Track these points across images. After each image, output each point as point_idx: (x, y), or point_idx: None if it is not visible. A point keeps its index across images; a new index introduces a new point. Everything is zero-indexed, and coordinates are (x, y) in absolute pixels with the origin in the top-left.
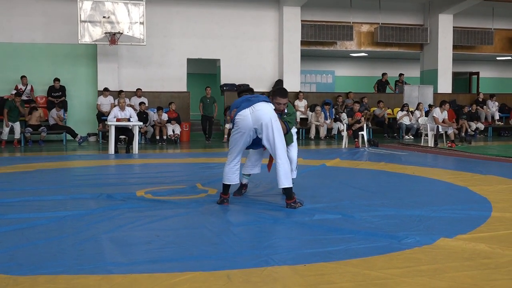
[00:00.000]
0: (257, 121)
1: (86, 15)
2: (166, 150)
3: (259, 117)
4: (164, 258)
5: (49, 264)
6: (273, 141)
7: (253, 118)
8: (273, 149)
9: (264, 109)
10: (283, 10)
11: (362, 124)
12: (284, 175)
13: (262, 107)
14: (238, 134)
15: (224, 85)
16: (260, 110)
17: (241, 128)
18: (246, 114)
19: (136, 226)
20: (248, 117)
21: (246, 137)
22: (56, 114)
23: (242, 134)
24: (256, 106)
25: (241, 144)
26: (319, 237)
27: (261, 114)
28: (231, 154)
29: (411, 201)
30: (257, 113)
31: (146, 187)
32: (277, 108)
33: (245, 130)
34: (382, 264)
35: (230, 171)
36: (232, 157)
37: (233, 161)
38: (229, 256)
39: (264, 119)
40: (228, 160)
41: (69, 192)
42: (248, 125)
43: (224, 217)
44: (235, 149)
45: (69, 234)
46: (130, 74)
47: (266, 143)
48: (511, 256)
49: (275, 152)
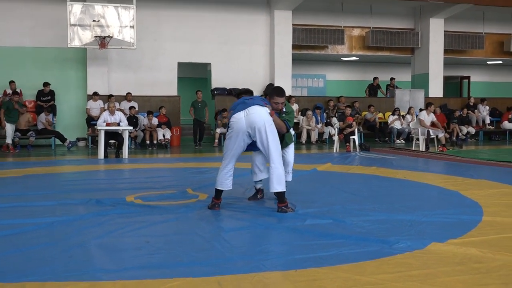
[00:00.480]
0: (251, 124)
1: (76, 18)
2: (156, 154)
3: (253, 121)
4: (154, 264)
5: (37, 271)
6: (267, 145)
7: (247, 121)
8: (267, 152)
9: (258, 112)
10: (274, 14)
11: (354, 129)
12: (277, 179)
13: (256, 110)
14: (231, 137)
15: (215, 89)
16: (255, 113)
17: (235, 131)
18: (240, 117)
19: (125, 232)
20: (242, 120)
21: (239, 141)
22: (45, 118)
23: (236, 137)
24: (251, 110)
25: (235, 148)
26: (310, 242)
27: (255, 118)
28: (225, 159)
29: (402, 206)
30: (251, 116)
31: (136, 192)
32: (275, 107)
33: (238, 133)
34: (373, 269)
35: (224, 177)
36: (225, 162)
37: (226, 167)
38: (219, 262)
39: (258, 123)
40: (222, 165)
41: (58, 198)
42: (241, 128)
43: (215, 223)
44: (229, 153)
45: (57, 241)
46: (120, 78)
47: (261, 147)
48: (502, 261)
49: (269, 155)
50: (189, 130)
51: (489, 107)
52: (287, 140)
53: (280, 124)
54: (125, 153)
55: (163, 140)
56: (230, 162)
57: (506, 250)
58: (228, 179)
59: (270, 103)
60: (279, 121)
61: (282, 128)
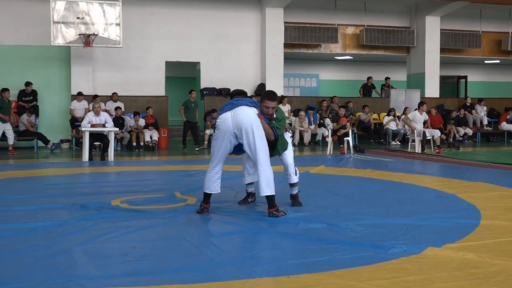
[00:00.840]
0: (237, 125)
1: (59, 15)
2: (143, 157)
3: (239, 121)
4: (140, 271)
5: (18, 279)
6: (254, 147)
7: (233, 121)
8: (254, 154)
9: (246, 113)
10: (265, 12)
11: (348, 130)
12: (266, 182)
13: (243, 111)
14: (218, 138)
15: (205, 89)
16: (241, 114)
17: (221, 132)
18: (227, 117)
19: (111, 237)
20: (229, 120)
21: (226, 142)
22: (27, 119)
23: (222, 138)
24: (238, 110)
25: (221, 149)
26: (302, 247)
27: (242, 118)
28: (212, 161)
29: (398, 210)
30: (238, 117)
31: (122, 196)
32: (265, 112)
33: (225, 134)
34: (368, 275)
35: (211, 180)
36: (213, 164)
37: (214, 169)
38: (209, 268)
39: (245, 124)
40: (209, 168)
41: (40, 202)
42: (228, 129)
43: (204, 227)
44: (216, 155)
45: (40, 246)
46: (105, 78)
47: (247, 149)
48: (501, 266)
49: (256, 158)
50: (177, 132)
51: (486, 107)
52: (280, 148)
53: (268, 130)
54: (111, 155)
55: (150, 142)
56: (217, 164)
57: (505, 255)
58: (215, 182)
59: (260, 106)
60: (267, 127)
61: (269, 135)
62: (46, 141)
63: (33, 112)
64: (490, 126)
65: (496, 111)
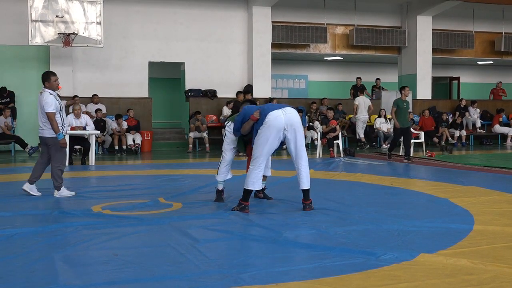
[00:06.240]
0: (290, 122)
1: (38, 14)
2: (125, 161)
3: (291, 119)
4: (123, 279)
5: None
6: (300, 144)
7: (286, 119)
8: (297, 151)
9: (294, 113)
10: (252, 11)
11: (337, 133)
12: (307, 177)
13: (292, 110)
14: (265, 135)
15: (189, 91)
16: (292, 113)
17: (271, 128)
18: (279, 114)
19: (92, 244)
20: (281, 117)
21: (274, 139)
22: (4, 122)
23: (270, 135)
24: (287, 109)
25: (270, 147)
26: (291, 254)
27: (293, 117)
28: (258, 157)
29: (389, 215)
30: (289, 116)
31: (104, 201)
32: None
33: (277, 130)
34: (359, 282)
35: (256, 177)
36: (260, 160)
37: (260, 165)
38: (194, 276)
39: (296, 123)
40: (254, 164)
41: (18, 208)
42: (280, 125)
43: (189, 234)
44: (265, 151)
45: (17, 254)
46: (86, 79)
47: (292, 145)
48: (494, 272)
49: (301, 154)
50: (161, 135)
51: (479, 109)
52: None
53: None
54: (92, 159)
55: (133, 145)
56: (264, 160)
57: (498, 261)
58: (260, 179)
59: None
60: (248, 126)
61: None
62: (24, 144)
63: (10, 115)
64: (483, 128)
65: (489, 113)
